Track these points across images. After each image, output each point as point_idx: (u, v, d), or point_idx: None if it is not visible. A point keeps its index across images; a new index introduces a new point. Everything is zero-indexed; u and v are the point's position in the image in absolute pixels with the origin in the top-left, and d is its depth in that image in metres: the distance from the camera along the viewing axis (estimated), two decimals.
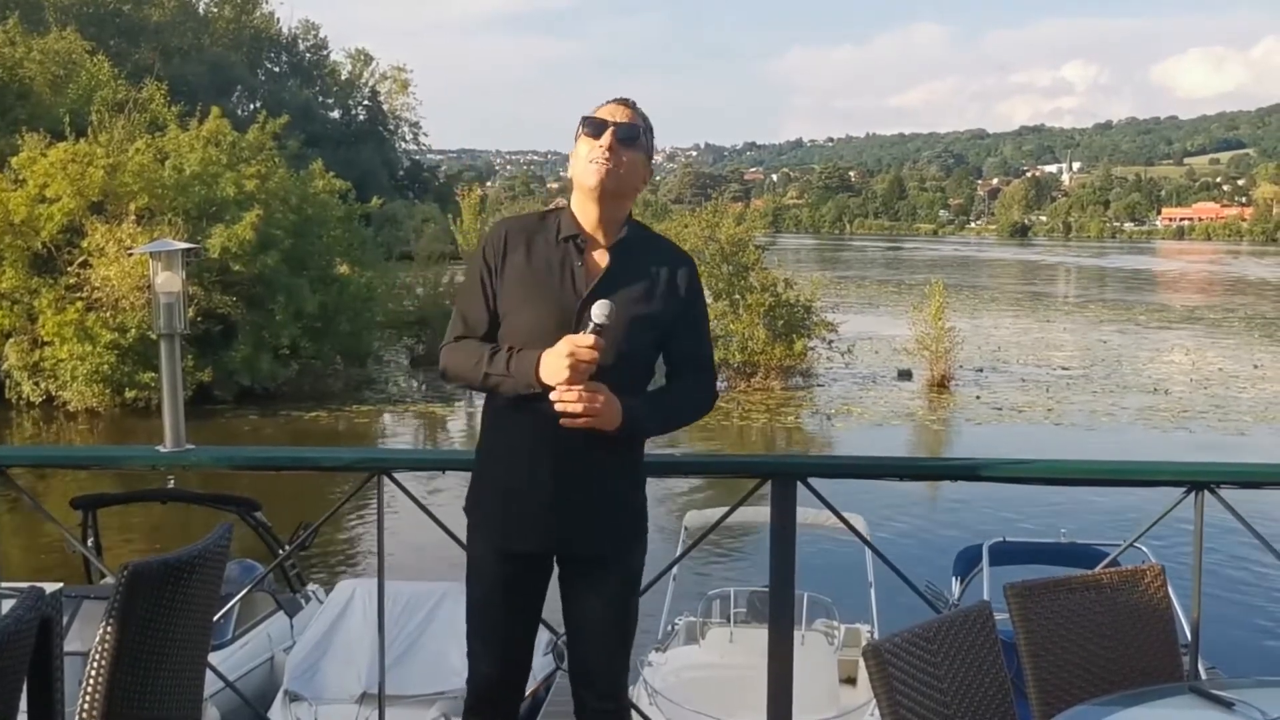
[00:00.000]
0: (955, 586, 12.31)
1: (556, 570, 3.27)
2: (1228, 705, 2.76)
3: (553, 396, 2.93)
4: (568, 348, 2.90)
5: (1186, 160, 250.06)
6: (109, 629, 2.63)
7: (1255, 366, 36.68)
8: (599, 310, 2.93)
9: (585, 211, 3.12)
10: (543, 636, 3.55)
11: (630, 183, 3.12)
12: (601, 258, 3.11)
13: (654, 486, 3.38)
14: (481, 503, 3.22)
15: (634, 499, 3.27)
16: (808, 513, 4.15)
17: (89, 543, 10.58)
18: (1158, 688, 3.13)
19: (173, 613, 2.78)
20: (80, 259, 27.29)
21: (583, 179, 3.07)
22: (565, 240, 3.11)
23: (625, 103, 3.16)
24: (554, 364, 2.92)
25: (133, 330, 26.14)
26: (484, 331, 3.12)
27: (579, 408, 2.92)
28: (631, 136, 3.09)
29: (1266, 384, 32.94)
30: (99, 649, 2.63)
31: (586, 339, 2.91)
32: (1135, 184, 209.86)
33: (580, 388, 2.92)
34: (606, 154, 3.04)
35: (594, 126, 3.09)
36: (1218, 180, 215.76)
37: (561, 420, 2.94)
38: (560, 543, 3.16)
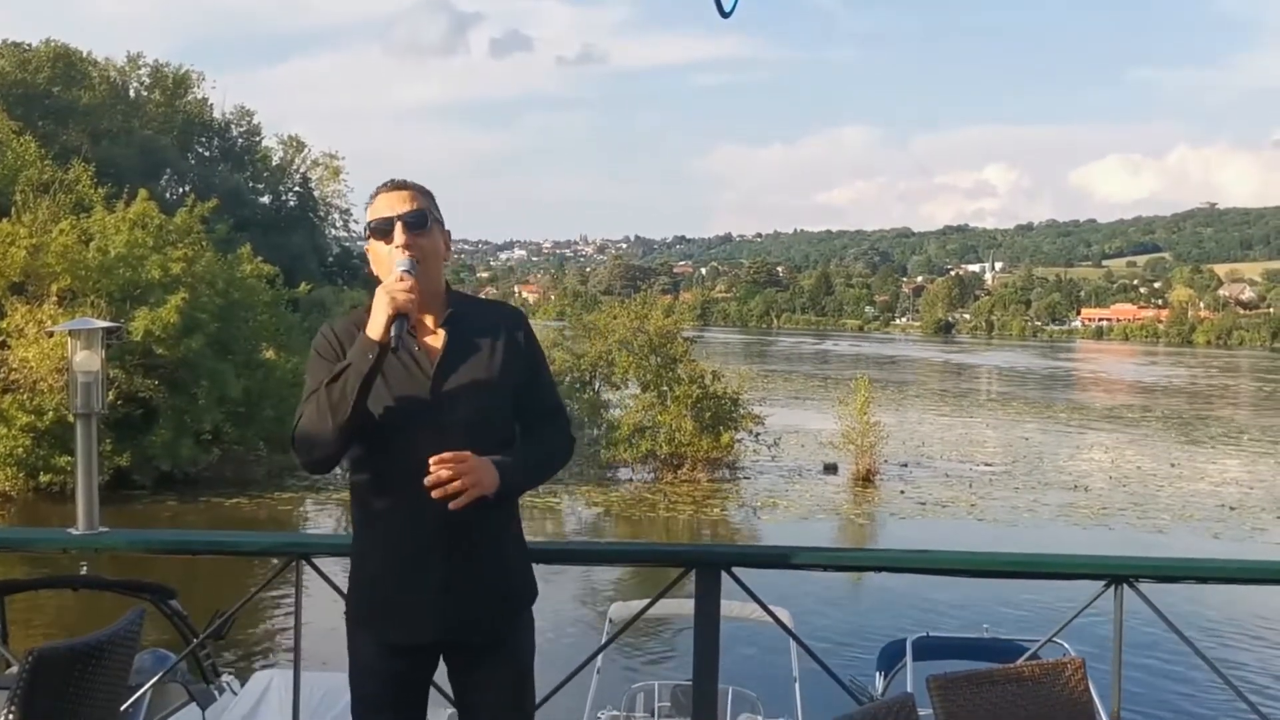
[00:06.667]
0: (879, 681, 12.29)
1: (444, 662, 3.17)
2: None
3: (430, 475, 2.86)
4: (384, 293, 2.91)
5: (1105, 262, 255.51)
6: (11, 717, 2.55)
7: (1172, 465, 37.35)
8: (401, 264, 2.97)
9: None
10: None
11: (437, 261, 3.12)
12: (435, 339, 3.09)
13: (579, 575, 3.35)
14: (362, 599, 3.12)
15: (520, 577, 3.19)
16: (733, 605, 4.14)
17: None
18: None
19: (78, 700, 2.70)
20: None
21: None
22: None
23: (399, 185, 3.13)
24: (377, 309, 2.91)
25: (50, 413, 25.62)
26: None
27: (450, 471, 2.85)
28: (420, 222, 3.07)
29: (1184, 483, 33.52)
30: None
31: (396, 278, 2.94)
32: (1056, 284, 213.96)
33: (448, 456, 2.86)
34: (404, 251, 3.03)
35: (381, 228, 3.07)
36: (1135, 282, 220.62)
37: (451, 505, 2.87)
38: (449, 632, 3.05)
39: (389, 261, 3.04)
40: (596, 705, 11.19)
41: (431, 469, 2.86)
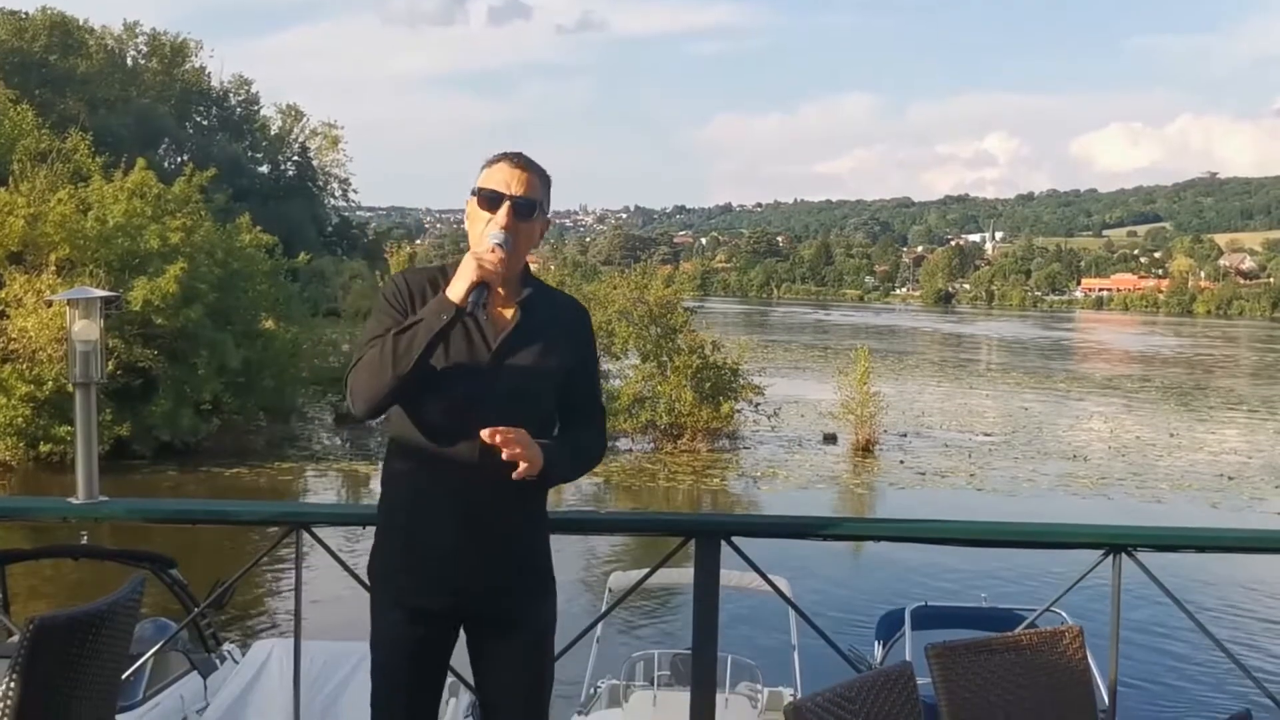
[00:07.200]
0: (878, 650, 12.35)
1: (464, 634, 3.17)
2: None
3: (484, 435, 2.87)
4: (473, 259, 2.94)
5: (1105, 232, 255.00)
6: (12, 686, 2.56)
7: (1171, 435, 37.39)
8: (495, 236, 2.99)
9: None
10: (465, 698, 3.48)
11: (528, 244, 3.11)
12: (505, 314, 3.08)
13: (578, 545, 3.36)
14: (385, 561, 3.12)
15: (541, 552, 3.20)
16: (732, 574, 4.14)
17: None
18: None
19: (79, 669, 2.70)
20: None
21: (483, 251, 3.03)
22: None
23: (520, 163, 3.09)
24: (462, 272, 2.94)
25: (49, 383, 25.61)
26: None
27: (501, 437, 2.86)
28: (529, 211, 3.06)
29: (1182, 452, 33.57)
30: (1, 707, 2.55)
31: (488, 249, 2.97)
32: (1056, 254, 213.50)
33: (509, 430, 2.88)
34: (503, 231, 3.02)
35: (491, 198, 3.05)
36: (1135, 252, 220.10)
37: (514, 475, 2.88)
38: (469, 600, 3.07)
39: (484, 229, 3.04)
40: (596, 674, 11.24)
41: (485, 436, 2.88)
